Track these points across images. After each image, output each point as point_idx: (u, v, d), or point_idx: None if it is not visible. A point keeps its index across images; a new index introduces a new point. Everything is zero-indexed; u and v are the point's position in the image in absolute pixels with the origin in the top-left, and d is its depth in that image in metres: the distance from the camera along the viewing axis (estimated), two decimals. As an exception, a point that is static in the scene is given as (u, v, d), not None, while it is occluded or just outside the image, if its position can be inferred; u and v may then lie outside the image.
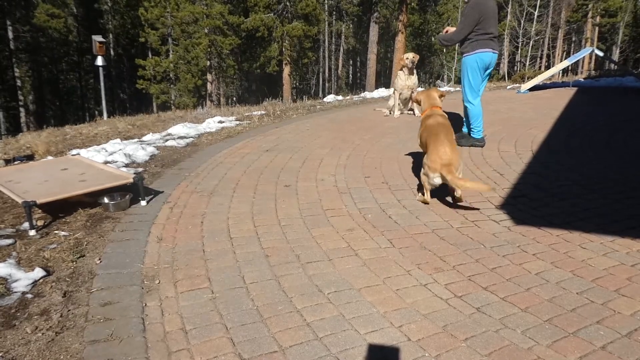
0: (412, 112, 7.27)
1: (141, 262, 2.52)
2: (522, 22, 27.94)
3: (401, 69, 7.07)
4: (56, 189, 3.17)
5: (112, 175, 3.51)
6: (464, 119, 5.30)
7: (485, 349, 1.83)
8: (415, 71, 7.05)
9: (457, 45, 5.26)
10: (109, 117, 11.10)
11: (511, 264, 2.53)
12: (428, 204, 3.41)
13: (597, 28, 33.39)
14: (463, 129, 5.31)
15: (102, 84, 13.17)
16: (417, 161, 4.57)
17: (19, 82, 27.54)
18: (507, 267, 2.49)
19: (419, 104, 3.95)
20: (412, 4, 25.65)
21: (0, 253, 2.60)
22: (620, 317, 2.03)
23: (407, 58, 6.94)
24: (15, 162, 4.59)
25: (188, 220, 3.11)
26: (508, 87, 10.05)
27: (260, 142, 5.41)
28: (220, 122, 6.79)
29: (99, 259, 2.54)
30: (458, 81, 8.59)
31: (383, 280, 2.36)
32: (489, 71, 5.02)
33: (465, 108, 5.14)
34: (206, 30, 24.36)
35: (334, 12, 33.87)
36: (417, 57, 7.01)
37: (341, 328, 1.96)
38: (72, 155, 4.47)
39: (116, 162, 4.45)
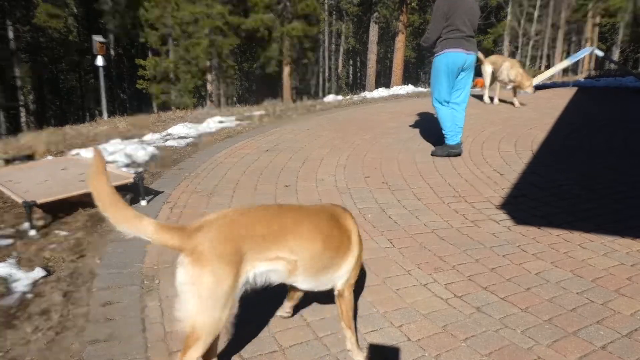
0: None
1: (141, 262, 2.52)
2: (522, 22, 27.93)
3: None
4: (56, 188, 3.17)
5: (112, 175, 3.50)
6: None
7: (485, 349, 1.83)
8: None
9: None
10: (109, 117, 11.11)
11: (511, 263, 2.53)
12: None
13: (597, 28, 33.37)
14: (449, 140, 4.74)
15: (102, 84, 13.18)
16: (417, 161, 4.57)
17: (19, 82, 27.52)
18: (507, 267, 2.49)
19: None
20: (412, 4, 25.60)
21: (0, 253, 2.60)
22: (620, 317, 2.03)
23: None
24: (16, 162, 4.59)
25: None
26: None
27: (260, 142, 5.41)
28: (220, 122, 6.79)
29: (99, 259, 2.54)
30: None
31: (383, 280, 2.35)
32: (465, 73, 4.57)
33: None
34: (206, 31, 24.34)
35: (334, 12, 33.87)
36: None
37: (341, 328, 1.96)
38: (72, 155, 4.47)
39: (116, 162, 4.45)
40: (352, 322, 1.77)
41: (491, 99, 8.13)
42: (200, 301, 1.36)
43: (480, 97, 8.37)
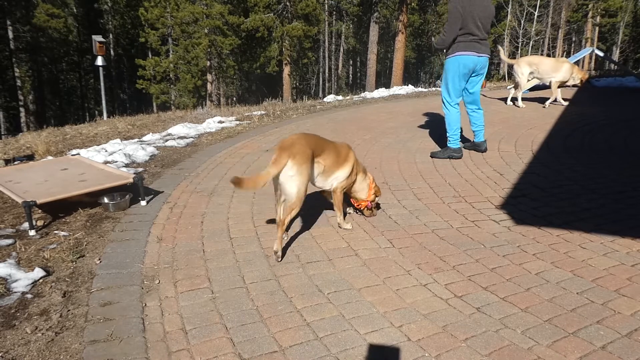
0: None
1: (141, 262, 2.52)
2: (522, 22, 27.90)
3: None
4: (56, 189, 3.17)
5: (112, 175, 3.51)
6: (471, 127, 4.88)
7: (485, 349, 1.83)
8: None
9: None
10: (109, 117, 11.11)
11: (511, 264, 2.53)
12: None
13: (597, 28, 33.38)
14: (475, 139, 4.91)
15: (102, 84, 13.18)
16: (417, 161, 4.57)
17: (19, 82, 27.53)
18: (507, 267, 2.49)
19: None
20: (412, 4, 25.60)
21: (0, 253, 2.60)
22: (620, 317, 2.03)
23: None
24: (15, 162, 4.59)
25: (188, 220, 3.10)
26: (508, 87, 10.04)
27: (260, 142, 5.41)
28: (220, 122, 6.79)
29: (99, 259, 2.54)
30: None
31: (383, 280, 2.35)
32: (478, 75, 4.57)
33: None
34: (206, 31, 24.36)
35: (334, 12, 33.85)
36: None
37: (341, 328, 1.96)
38: (72, 155, 4.47)
39: (116, 162, 4.45)
40: (341, 208, 2.93)
41: (514, 100, 7.95)
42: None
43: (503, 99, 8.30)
